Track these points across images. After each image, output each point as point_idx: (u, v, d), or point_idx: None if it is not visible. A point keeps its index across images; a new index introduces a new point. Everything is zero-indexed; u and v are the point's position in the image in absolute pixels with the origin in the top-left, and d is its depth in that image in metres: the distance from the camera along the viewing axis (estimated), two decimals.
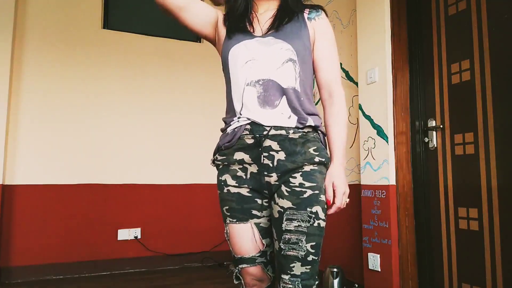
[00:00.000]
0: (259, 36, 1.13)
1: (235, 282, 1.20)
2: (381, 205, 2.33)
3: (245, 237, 1.14)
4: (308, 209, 1.06)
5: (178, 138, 3.70)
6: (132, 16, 3.71)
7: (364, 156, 2.49)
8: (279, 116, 1.08)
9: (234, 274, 1.19)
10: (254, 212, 1.14)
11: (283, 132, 1.08)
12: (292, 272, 1.05)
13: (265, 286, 1.17)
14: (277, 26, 1.13)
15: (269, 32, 1.14)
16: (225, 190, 1.16)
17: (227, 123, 1.16)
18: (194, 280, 3.14)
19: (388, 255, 2.28)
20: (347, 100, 2.79)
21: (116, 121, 3.49)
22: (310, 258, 1.05)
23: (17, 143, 3.17)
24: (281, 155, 1.08)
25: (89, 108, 3.41)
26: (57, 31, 3.37)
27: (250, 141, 1.10)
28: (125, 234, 3.43)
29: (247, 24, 1.17)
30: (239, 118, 1.11)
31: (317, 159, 1.09)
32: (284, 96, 1.09)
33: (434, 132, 2.23)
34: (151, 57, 3.67)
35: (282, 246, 1.06)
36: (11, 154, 3.13)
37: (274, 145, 1.08)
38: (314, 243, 1.06)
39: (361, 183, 2.50)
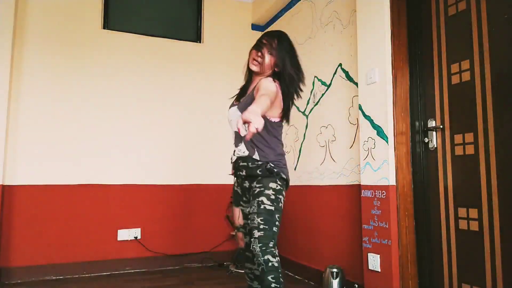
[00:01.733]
0: (236, 105, 1.89)
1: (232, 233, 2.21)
2: (381, 205, 2.33)
3: (235, 215, 1.97)
4: (256, 199, 1.75)
5: (178, 138, 3.70)
6: (132, 16, 3.71)
7: (364, 157, 2.49)
8: (242, 151, 1.85)
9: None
10: (241, 203, 1.94)
11: (245, 164, 1.84)
12: (254, 236, 1.70)
13: (243, 244, 1.95)
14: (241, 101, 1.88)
15: (238, 103, 1.89)
16: (234, 187, 2.00)
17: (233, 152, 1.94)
18: (194, 280, 3.14)
19: (388, 256, 2.28)
20: (347, 101, 2.80)
21: (116, 121, 3.49)
22: (261, 226, 1.70)
23: (17, 143, 3.17)
24: (245, 173, 1.86)
25: (89, 108, 3.41)
26: (57, 31, 3.37)
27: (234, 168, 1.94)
28: (125, 234, 3.43)
29: (237, 96, 1.97)
30: (233, 153, 1.92)
31: (261, 174, 1.81)
32: (242, 141, 1.85)
33: (434, 132, 2.23)
34: (151, 57, 3.67)
35: (249, 223, 1.78)
36: (11, 154, 3.13)
37: (243, 172, 1.86)
38: (262, 218, 1.70)
39: (361, 183, 2.50)
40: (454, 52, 2.14)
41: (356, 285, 2.57)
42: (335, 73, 2.96)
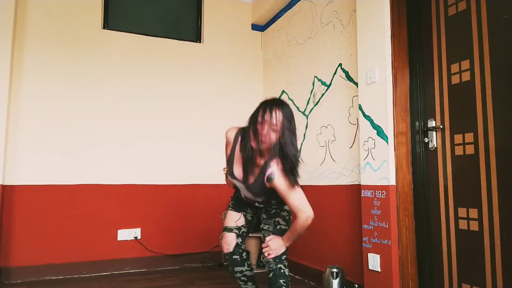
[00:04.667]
0: (246, 184, 1.91)
1: (220, 240, 2.10)
2: (381, 205, 2.33)
3: (232, 218, 2.09)
4: (273, 219, 2.01)
5: (178, 138, 3.70)
6: (132, 16, 3.71)
7: (364, 156, 2.49)
8: (256, 203, 2.03)
9: (221, 235, 2.10)
10: (246, 210, 2.12)
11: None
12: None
13: (233, 246, 2.05)
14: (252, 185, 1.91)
15: (249, 184, 1.90)
16: (235, 194, 2.15)
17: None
18: (194, 280, 3.14)
19: (388, 255, 2.28)
20: (347, 101, 2.80)
21: (116, 121, 3.49)
22: None
23: (17, 144, 3.17)
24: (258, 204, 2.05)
25: (89, 108, 3.41)
26: (57, 31, 3.37)
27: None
28: (125, 234, 3.43)
29: (242, 173, 1.91)
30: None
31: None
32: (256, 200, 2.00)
33: (434, 132, 2.23)
34: (151, 57, 3.67)
35: (262, 237, 2.06)
36: (11, 154, 3.13)
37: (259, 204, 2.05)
38: None
39: (361, 183, 2.50)
40: (454, 52, 2.14)
41: (356, 285, 2.57)
42: (335, 73, 2.96)
